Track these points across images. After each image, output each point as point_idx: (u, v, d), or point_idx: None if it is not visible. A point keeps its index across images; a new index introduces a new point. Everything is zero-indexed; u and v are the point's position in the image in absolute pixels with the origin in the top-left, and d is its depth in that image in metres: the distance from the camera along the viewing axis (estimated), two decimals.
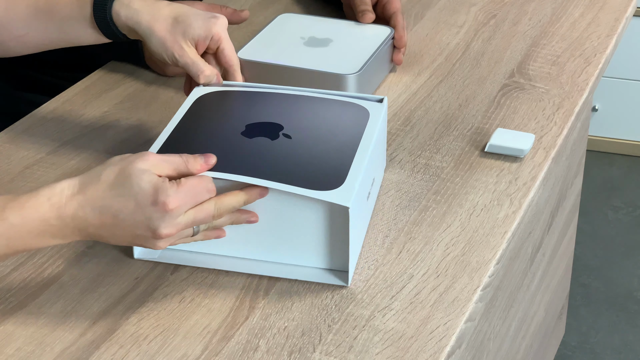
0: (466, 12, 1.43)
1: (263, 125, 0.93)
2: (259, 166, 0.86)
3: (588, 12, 1.42)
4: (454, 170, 1.05)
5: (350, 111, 0.97)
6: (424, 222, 0.97)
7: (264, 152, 0.89)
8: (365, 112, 0.97)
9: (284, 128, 0.93)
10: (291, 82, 1.12)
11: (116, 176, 0.81)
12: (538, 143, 1.09)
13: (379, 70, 1.21)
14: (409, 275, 0.89)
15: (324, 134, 0.93)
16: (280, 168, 0.86)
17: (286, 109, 0.97)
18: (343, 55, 1.18)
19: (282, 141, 0.91)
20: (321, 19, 1.29)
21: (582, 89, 1.21)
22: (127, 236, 0.82)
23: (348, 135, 0.93)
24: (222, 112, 0.98)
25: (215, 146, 0.89)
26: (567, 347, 2.11)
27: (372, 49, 1.19)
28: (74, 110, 1.19)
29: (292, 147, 0.90)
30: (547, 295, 1.61)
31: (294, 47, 1.20)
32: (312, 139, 0.92)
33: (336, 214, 0.85)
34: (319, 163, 0.88)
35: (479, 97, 1.20)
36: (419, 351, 0.80)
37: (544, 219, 1.40)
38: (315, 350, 0.81)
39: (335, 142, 0.91)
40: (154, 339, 0.82)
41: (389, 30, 1.24)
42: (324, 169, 0.87)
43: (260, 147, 0.90)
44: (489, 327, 1.18)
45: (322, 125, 0.94)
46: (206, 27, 1.00)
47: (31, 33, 1.06)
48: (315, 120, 0.95)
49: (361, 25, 1.27)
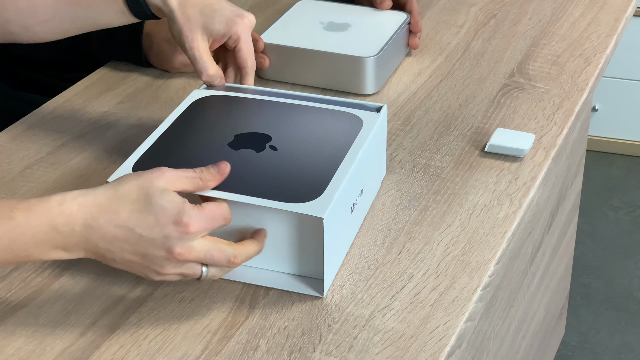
0: (466, 12, 1.43)
1: (251, 136, 0.93)
2: (240, 179, 0.85)
3: (588, 12, 1.42)
4: (454, 170, 1.05)
5: (343, 121, 0.96)
6: (424, 222, 0.97)
7: (247, 165, 0.88)
8: (359, 122, 0.96)
9: (271, 139, 0.92)
10: (311, 64, 1.19)
11: (136, 193, 0.78)
12: (538, 143, 1.09)
13: (396, 54, 1.25)
14: (409, 275, 0.89)
15: (312, 145, 0.92)
16: (262, 181, 0.85)
17: (278, 119, 0.96)
18: (361, 39, 1.22)
19: (267, 153, 0.90)
20: (339, 5, 1.33)
21: (582, 89, 1.21)
22: (136, 255, 0.79)
23: (336, 146, 0.91)
24: (213, 119, 0.97)
25: (199, 157, 0.89)
26: (567, 347, 2.11)
27: (389, 33, 1.23)
28: (74, 110, 1.19)
29: (277, 159, 0.89)
30: (547, 295, 1.61)
31: (314, 32, 1.25)
32: (298, 150, 0.91)
33: (312, 226, 0.84)
34: (301, 175, 0.87)
35: (479, 97, 1.20)
36: (419, 351, 0.80)
37: (544, 218, 1.40)
38: (315, 350, 0.81)
39: (323, 153, 0.90)
40: (154, 339, 0.82)
41: (405, 16, 1.28)
42: (305, 180, 0.86)
43: (245, 159, 0.89)
44: (489, 327, 1.18)
45: (311, 136, 0.93)
46: (227, 24, 1.00)
47: (58, 17, 1.04)
48: (304, 131, 0.94)
49: (378, 11, 1.31)
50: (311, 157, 0.90)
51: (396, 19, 1.27)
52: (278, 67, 1.21)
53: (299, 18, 1.29)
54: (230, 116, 0.97)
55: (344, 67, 1.18)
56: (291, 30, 1.25)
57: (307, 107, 0.99)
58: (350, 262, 0.91)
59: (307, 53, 1.20)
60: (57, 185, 1.03)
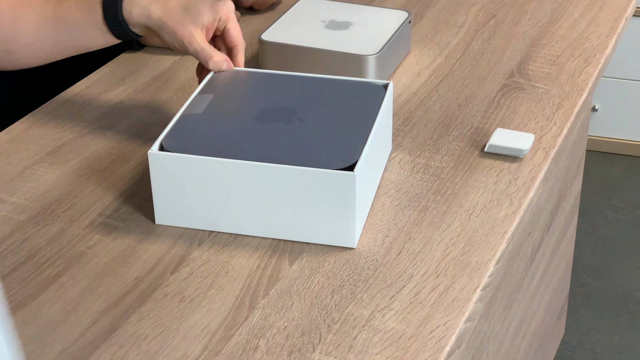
0: (466, 12, 1.43)
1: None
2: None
3: (588, 12, 1.42)
4: (453, 170, 1.05)
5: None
6: (424, 222, 0.97)
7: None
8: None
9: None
10: (313, 63, 1.20)
11: None
12: (538, 143, 1.09)
13: (397, 52, 1.26)
14: (409, 275, 0.89)
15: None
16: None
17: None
18: (363, 38, 1.23)
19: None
20: (341, 4, 1.34)
21: (582, 89, 1.21)
22: None
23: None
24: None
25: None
26: (567, 347, 2.11)
27: (390, 31, 1.24)
28: (74, 110, 1.19)
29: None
30: (547, 295, 1.61)
31: (316, 30, 1.25)
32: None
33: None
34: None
35: (478, 97, 1.20)
36: (419, 351, 0.80)
37: (543, 219, 1.40)
38: (315, 350, 0.81)
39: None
40: (154, 339, 0.82)
41: (406, 14, 1.28)
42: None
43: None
44: (489, 327, 1.18)
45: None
46: (213, 10, 1.04)
47: (40, 41, 1.06)
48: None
49: (379, 9, 1.32)
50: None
51: (397, 18, 1.28)
52: (279, 66, 1.21)
53: (301, 16, 1.29)
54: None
55: (345, 65, 1.19)
56: (293, 28, 1.26)
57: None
58: (350, 262, 0.91)
59: (309, 51, 1.20)
60: (57, 186, 1.03)
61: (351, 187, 0.89)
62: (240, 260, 0.92)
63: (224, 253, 0.93)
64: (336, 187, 0.90)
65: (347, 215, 0.91)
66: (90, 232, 0.96)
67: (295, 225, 0.93)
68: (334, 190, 0.90)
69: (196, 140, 0.95)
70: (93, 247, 0.94)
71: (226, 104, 1.02)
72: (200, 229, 0.96)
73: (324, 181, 0.90)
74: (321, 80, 1.05)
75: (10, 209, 1.00)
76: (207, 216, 0.95)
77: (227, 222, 0.95)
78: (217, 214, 0.94)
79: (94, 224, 0.97)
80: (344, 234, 0.92)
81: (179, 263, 0.92)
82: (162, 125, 0.99)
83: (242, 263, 0.91)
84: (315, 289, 0.88)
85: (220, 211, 0.94)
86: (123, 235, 0.96)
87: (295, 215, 0.92)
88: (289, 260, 0.91)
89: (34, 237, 0.95)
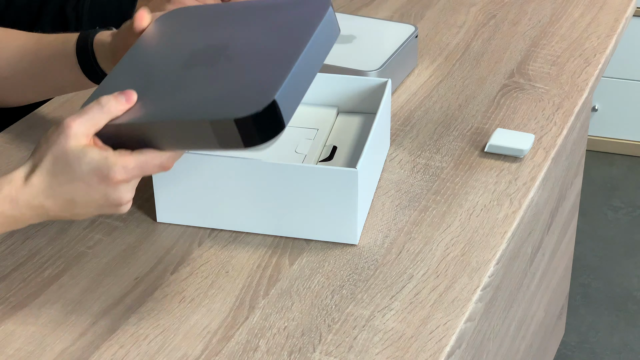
0: (466, 12, 1.43)
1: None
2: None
3: (588, 12, 1.42)
4: (453, 170, 1.05)
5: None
6: (424, 222, 0.97)
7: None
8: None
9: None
10: None
11: (54, 164, 0.78)
12: (538, 143, 1.09)
13: (402, 67, 1.23)
14: (409, 275, 0.89)
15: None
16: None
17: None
18: (366, 52, 1.20)
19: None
20: (346, 16, 1.32)
21: (582, 89, 1.21)
22: (91, 211, 0.80)
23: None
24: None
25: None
26: (567, 347, 2.11)
27: (394, 46, 1.21)
28: (74, 110, 1.19)
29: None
30: (546, 295, 1.61)
31: None
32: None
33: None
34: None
35: (478, 97, 1.20)
36: (419, 351, 0.80)
37: (543, 219, 1.40)
38: (315, 350, 0.81)
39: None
40: (154, 339, 0.82)
41: (412, 29, 1.26)
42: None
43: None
44: (489, 327, 1.18)
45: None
46: None
47: (16, 75, 1.06)
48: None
49: (385, 22, 1.30)
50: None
51: (403, 32, 1.25)
52: None
53: None
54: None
55: None
56: None
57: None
58: (350, 262, 0.91)
59: None
60: None
61: (353, 183, 0.90)
62: (241, 260, 0.92)
63: (224, 253, 0.93)
64: (338, 184, 0.90)
65: (349, 211, 0.91)
66: (91, 232, 0.96)
67: (298, 221, 0.93)
68: (337, 187, 0.90)
69: None
70: (93, 247, 0.94)
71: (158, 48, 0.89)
72: (201, 226, 0.96)
73: (326, 178, 0.90)
74: (256, 4, 0.91)
75: None
76: (208, 213, 0.95)
77: (228, 220, 0.95)
78: (219, 211, 0.94)
79: (94, 224, 0.97)
80: (346, 230, 0.92)
81: (179, 263, 0.92)
82: None
83: (242, 263, 0.91)
84: (316, 289, 0.88)
85: (222, 208, 0.94)
86: (123, 235, 0.96)
87: (298, 212, 0.93)
88: (289, 260, 0.91)
89: (34, 237, 0.95)
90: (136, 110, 0.80)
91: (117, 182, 0.78)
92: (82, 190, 0.78)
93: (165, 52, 0.88)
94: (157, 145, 0.78)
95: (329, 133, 1.05)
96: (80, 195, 0.79)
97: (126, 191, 0.79)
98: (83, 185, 0.78)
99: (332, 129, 1.06)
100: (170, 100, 0.79)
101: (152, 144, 0.78)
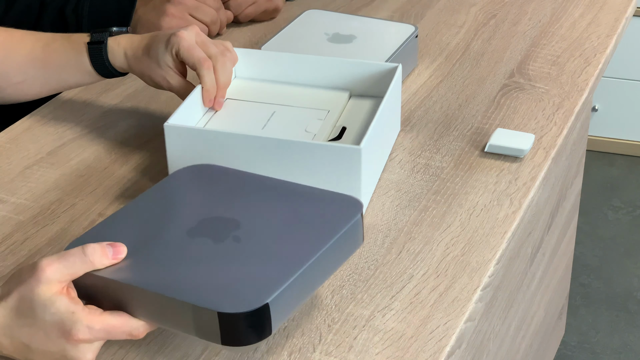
0: (466, 12, 1.43)
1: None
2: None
3: (588, 12, 1.42)
4: (454, 170, 1.05)
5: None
6: (424, 222, 0.97)
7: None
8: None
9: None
10: None
11: (18, 303, 0.74)
12: (538, 143, 1.09)
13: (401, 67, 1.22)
14: (409, 275, 0.89)
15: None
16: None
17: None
18: (366, 52, 1.20)
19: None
20: (347, 16, 1.31)
21: (582, 89, 1.21)
22: (44, 358, 0.75)
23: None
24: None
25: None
26: (567, 347, 2.11)
27: (394, 46, 1.21)
28: (74, 110, 1.19)
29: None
30: (546, 295, 1.61)
31: (318, 43, 1.23)
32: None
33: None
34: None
35: (478, 97, 1.20)
36: (419, 351, 0.80)
37: (543, 219, 1.40)
38: (315, 350, 0.81)
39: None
40: (154, 339, 0.82)
41: (412, 28, 1.25)
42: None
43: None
44: (489, 327, 1.18)
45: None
46: (169, 45, 1.02)
47: (29, 80, 1.09)
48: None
49: (385, 22, 1.29)
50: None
51: (403, 31, 1.25)
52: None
53: (304, 28, 1.26)
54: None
55: None
56: (295, 40, 1.23)
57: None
58: (350, 262, 0.91)
59: None
60: (57, 186, 1.03)
61: (357, 161, 0.90)
62: None
63: None
64: (343, 161, 0.90)
65: (354, 189, 0.91)
66: None
67: None
68: (341, 164, 0.90)
69: None
70: None
71: (161, 208, 0.84)
72: None
73: (331, 155, 0.90)
74: (287, 186, 0.85)
75: (11, 209, 1.00)
76: None
77: None
78: None
79: (94, 224, 0.97)
80: None
81: None
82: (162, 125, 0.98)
83: None
84: None
85: None
86: None
87: None
88: None
89: (34, 237, 0.95)
90: (121, 267, 0.75)
91: (78, 341, 0.73)
92: (40, 339, 0.74)
93: (173, 209, 0.83)
94: (132, 311, 0.74)
95: (340, 115, 1.05)
96: (37, 343, 0.74)
97: (86, 351, 0.74)
98: (42, 334, 0.74)
99: (343, 111, 1.06)
100: (159, 270, 0.75)
101: (128, 308, 0.74)
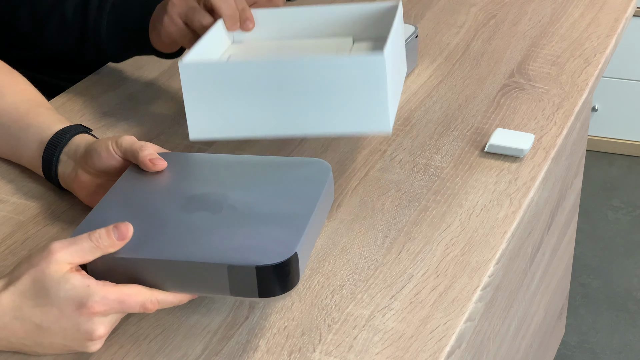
0: (466, 12, 1.43)
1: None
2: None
3: (588, 12, 1.42)
4: (453, 170, 1.05)
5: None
6: (424, 222, 0.97)
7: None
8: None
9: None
10: None
11: (29, 286, 0.75)
12: (538, 143, 1.09)
13: None
14: (409, 275, 0.89)
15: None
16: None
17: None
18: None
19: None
20: None
21: (582, 89, 1.21)
22: (57, 342, 0.76)
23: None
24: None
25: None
26: (567, 347, 2.11)
27: None
28: (74, 110, 1.19)
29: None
30: (547, 295, 1.61)
31: None
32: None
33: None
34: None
35: (478, 97, 1.20)
36: (419, 351, 0.80)
37: (543, 219, 1.40)
38: (315, 350, 0.81)
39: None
40: (154, 339, 0.82)
41: (412, 28, 1.25)
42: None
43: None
44: (489, 327, 1.18)
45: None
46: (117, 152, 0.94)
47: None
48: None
49: None
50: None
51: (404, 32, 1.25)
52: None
53: None
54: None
55: None
56: None
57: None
58: (350, 262, 0.91)
59: None
60: None
61: (381, 70, 0.89)
62: None
63: None
64: (367, 72, 0.89)
65: (380, 99, 0.90)
66: None
67: (330, 117, 0.92)
68: (365, 75, 0.90)
69: None
70: None
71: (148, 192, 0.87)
72: (234, 136, 0.93)
73: (354, 66, 0.89)
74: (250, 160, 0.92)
75: (11, 208, 1.00)
76: (241, 121, 0.93)
77: (262, 125, 0.93)
78: (252, 116, 0.93)
79: None
80: (378, 118, 0.91)
81: None
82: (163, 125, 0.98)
83: None
84: (316, 288, 0.88)
85: (255, 113, 0.93)
86: None
87: (330, 107, 0.92)
88: None
89: (34, 237, 0.95)
90: (137, 245, 0.78)
91: (93, 313, 0.74)
92: (53, 317, 0.75)
93: (156, 192, 0.87)
94: (152, 284, 0.77)
95: None
96: (50, 322, 0.75)
97: (100, 324, 0.75)
98: (55, 311, 0.74)
99: None
100: (178, 241, 0.78)
101: (146, 282, 0.77)
